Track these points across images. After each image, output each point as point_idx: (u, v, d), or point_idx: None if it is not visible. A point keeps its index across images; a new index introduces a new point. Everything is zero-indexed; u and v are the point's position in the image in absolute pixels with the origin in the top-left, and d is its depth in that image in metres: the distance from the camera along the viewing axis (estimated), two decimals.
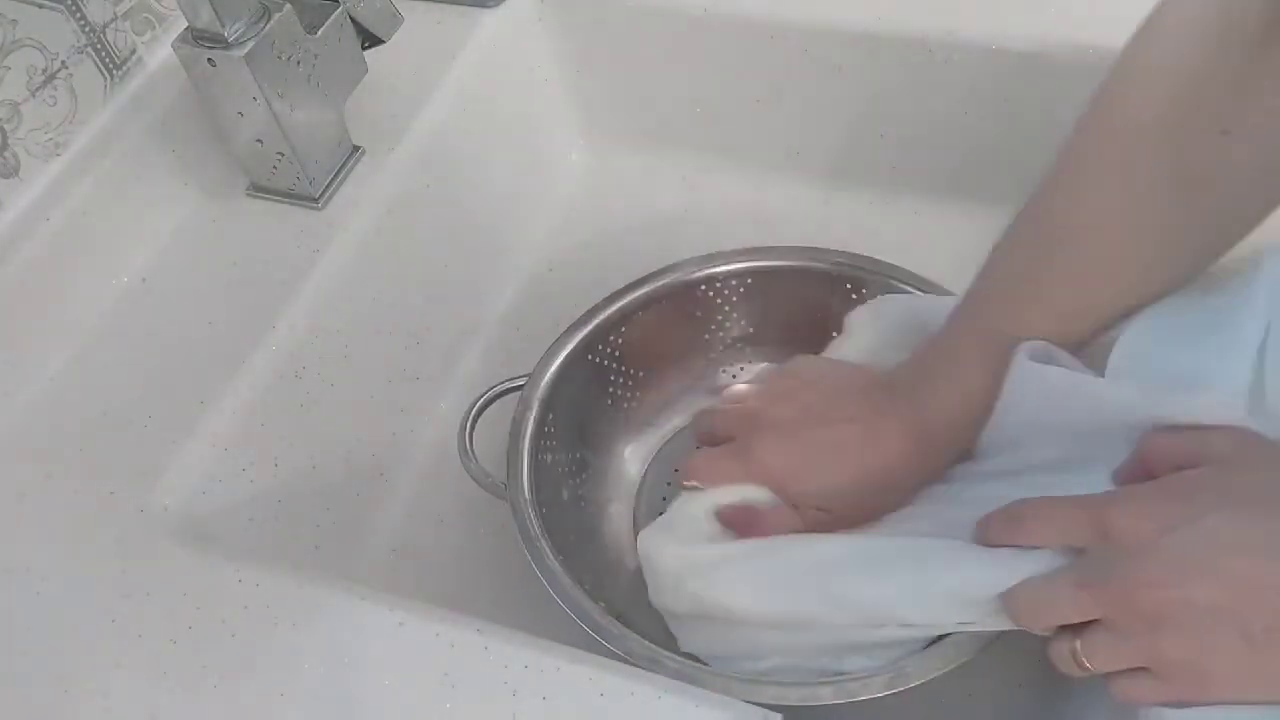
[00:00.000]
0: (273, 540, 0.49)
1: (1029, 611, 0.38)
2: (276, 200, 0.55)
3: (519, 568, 0.51)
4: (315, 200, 0.55)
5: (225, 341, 0.50)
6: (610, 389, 0.57)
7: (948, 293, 0.53)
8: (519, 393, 0.52)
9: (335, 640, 0.40)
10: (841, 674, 0.42)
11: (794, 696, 0.41)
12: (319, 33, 0.52)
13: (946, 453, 0.46)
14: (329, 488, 0.53)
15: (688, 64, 0.67)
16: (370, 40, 0.57)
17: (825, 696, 0.41)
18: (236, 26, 0.48)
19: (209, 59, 0.48)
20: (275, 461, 0.50)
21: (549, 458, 0.52)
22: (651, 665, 0.42)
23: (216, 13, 0.47)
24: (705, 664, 0.45)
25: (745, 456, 0.47)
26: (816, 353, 0.53)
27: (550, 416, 0.52)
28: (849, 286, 0.56)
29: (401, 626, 0.40)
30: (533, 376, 0.53)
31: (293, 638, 0.40)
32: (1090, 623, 0.36)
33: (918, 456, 0.45)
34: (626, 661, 0.42)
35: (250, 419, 0.49)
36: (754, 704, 0.38)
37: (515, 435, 0.51)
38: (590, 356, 0.55)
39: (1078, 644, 0.36)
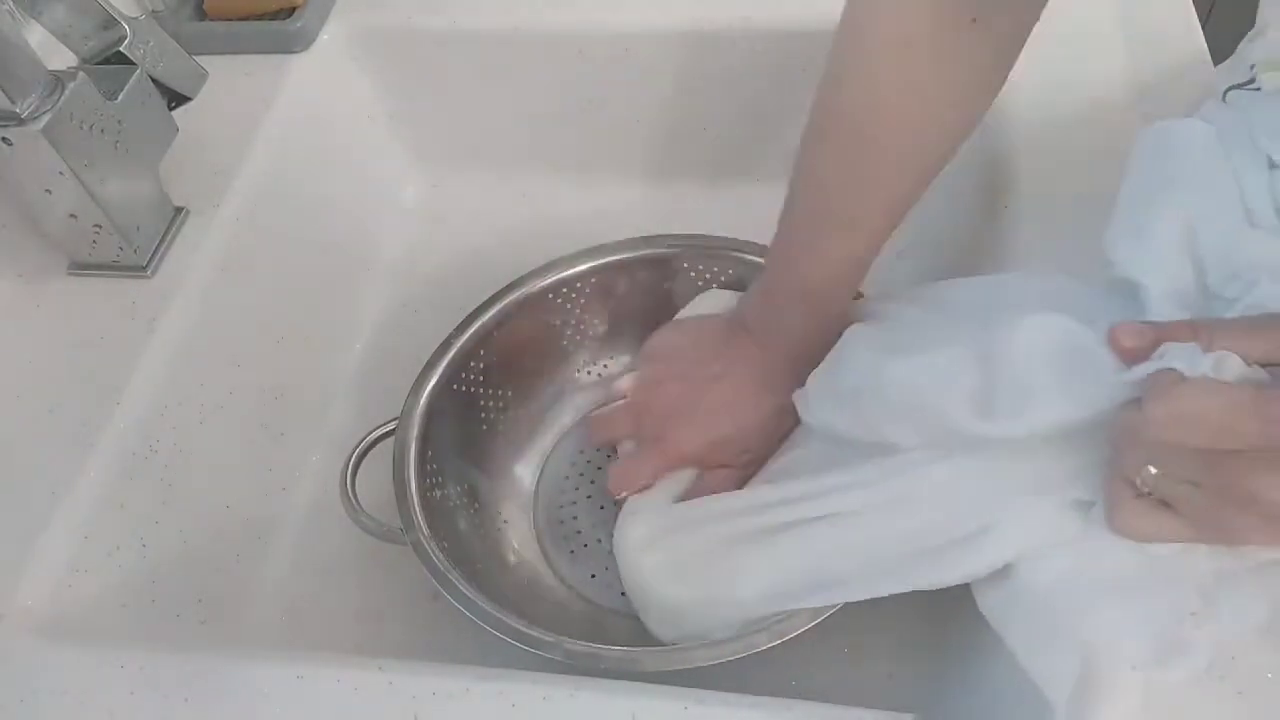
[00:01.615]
0: (152, 623, 0.47)
1: (1154, 391, 0.33)
2: (102, 275, 0.53)
3: (422, 610, 0.51)
4: (143, 269, 0.53)
5: (69, 427, 0.47)
6: (483, 413, 0.57)
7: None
8: (393, 437, 0.52)
9: (234, 706, 0.38)
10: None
11: (729, 651, 0.42)
12: (119, 98, 0.50)
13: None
14: (205, 560, 0.51)
15: (507, 82, 0.67)
16: (176, 99, 0.55)
17: (760, 643, 0.42)
18: (29, 101, 0.46)
19: (3, 138, 0.46)
20: (142, 542, 0.48)
21: (438, 493, 0.52)
22: (591, 661, 0.42)
23: (4, 90, 0.45)
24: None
25: (661, 449, 0.52)
26: None
27: (430, 453, 0.52)
28: (685, 265, 0.59)
29: (300, 680, 0.39)
30: (403, 417, 0.52)
31: (187, 713, 0.38)
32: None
33: (797, 378, 0.49)
34: (564, 665, 0.42)
35: (108, 502, 0.46)
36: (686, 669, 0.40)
37: (400, 478, 0.50)
38: (455, 386, 0.55)
39: (1151, 468, 0.33)
